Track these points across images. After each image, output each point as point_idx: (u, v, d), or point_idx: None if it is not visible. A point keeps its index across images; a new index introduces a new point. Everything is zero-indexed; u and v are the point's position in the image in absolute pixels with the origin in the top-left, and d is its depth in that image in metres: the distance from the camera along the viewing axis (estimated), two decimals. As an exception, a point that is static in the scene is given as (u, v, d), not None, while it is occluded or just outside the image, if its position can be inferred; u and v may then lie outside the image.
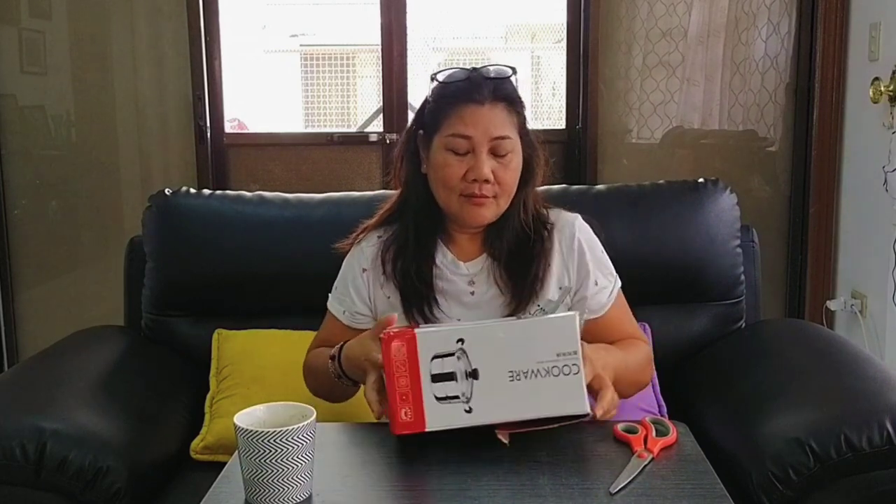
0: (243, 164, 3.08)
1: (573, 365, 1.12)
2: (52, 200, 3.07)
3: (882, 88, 2.53)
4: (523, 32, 4.59)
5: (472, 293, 1.45)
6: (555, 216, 1.50)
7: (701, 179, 1.94)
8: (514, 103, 1.41)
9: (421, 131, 1.44)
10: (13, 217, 3.04)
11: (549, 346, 1.13)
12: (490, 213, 1.41)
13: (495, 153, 1.38)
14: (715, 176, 1.96)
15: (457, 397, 1.13)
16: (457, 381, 1.13)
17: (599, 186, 2.06)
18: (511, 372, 1.13)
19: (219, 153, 3.03)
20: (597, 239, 1.50)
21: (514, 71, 1.42)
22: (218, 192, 2.02)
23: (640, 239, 1.86)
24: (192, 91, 2.95)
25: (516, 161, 1.40)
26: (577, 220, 1.50)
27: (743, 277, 1.93)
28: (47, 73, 3.00)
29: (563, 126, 3.09)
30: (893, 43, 2.56)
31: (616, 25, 3.00)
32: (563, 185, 2.03)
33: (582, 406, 1.13)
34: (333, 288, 1.53)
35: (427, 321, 1.43)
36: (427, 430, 1.13)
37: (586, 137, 2.97)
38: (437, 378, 1.13)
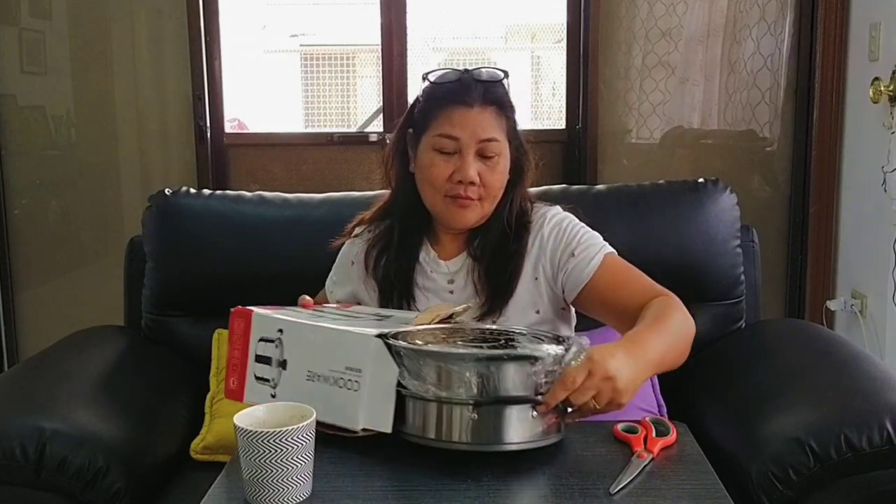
0: (243, 164, 3.08)
1: (355, 381, 1.14)
2: (52, 200, 3.07)
3: (882, 88, 2.53)
4: (523, 32, 4.59)
5: (451, 292, 1.47)
6: (534, 213, 1.49)
7: (701, 179, 1.94)
8: (504, 107, 1.41)
9: (411, 130, 1.46)
10: (13, 217, 3.04)
11: (342, 357, 1.15)
12: (474, 216, 1.42)
13: (482, 155, 1.39)
14: (715, 176, 1.96)
15: (268, 381, 1.21)
16: (271, 366, 1.21)
17: (599, 186, 2.06)
18: (309, 372, 1.17)
19: (219, 153, 3.03)
20: (574, 221, 1.47)
21: (507, 74, 1.43)
22: (218, 192, 2.03)
23: (640, 239, 1.86)
24: (192, 91, 2.95)
25: (503, 164, 1.41)
26: (550, 211, 1.49)
27: (743, 277, 1.93)
28: (47, 73, 3.00)
29: (563, 126, 3.09)
30: (893, 43, 2.56)
31: (616, 25, 3.00)
32: (563, 185, 2.03)
33: (353, 423, 1.13)
34: (332, 268, 1.60)
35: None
36: (245, 402, 1.22)
37: (586, 137, 2.97)
38: (258, 359, 1.22)
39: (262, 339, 1.23)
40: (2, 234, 3.01)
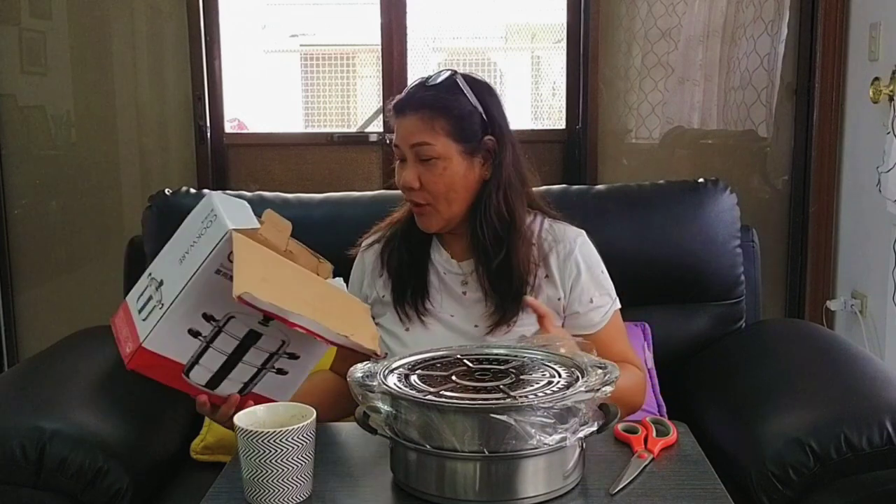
0: (243, 164, 3.08)
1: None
2: (52, 200, 3.07)
3: (882, 88, 2.53)
4: (523, 32, 4.59)
5: (465, 293, 1.48)
6: (559, 229, 1.50)
7: (701, 179, 1.94)
8: (439, 109, 1.40)
9: None
10: (13, 217, 3.04)
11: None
12: (433, 222, 1.44)
13: (420, 159, 1.41)
14: (715, 176, 1.96)
15: (151, 298, 1.20)
16: (151, 290, 1.21)
17: (599, 186, 2.06)
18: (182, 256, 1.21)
19: (219, 153, 3.03)
20: (599, 258, 1.51)
21: (454, 73, 1.43)
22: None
23: (640, 239, 1.86)
24: (192, 91, 2.95)
25: (442, 166, 1.40)
26: (581, 237, 1.51)
27: (743, 277, 1.93)
28: (47, 73, 3.00)
29: (563, 126, 3.09)
30: (893, 43, 2.56)
31: (616, 25, 3.00)
32: (563, 185, 2.03)
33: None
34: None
35: (418, 314, 1.48)
36: (142, 342, 1.16)
37: (586, 137, 2.97)
38: (139, 304, 1.22)
39: (139, 299, 1.23)
40: (2, 234, 3.01)
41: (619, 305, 1.52)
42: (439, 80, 1.42)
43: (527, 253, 1.45)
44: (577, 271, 1.47)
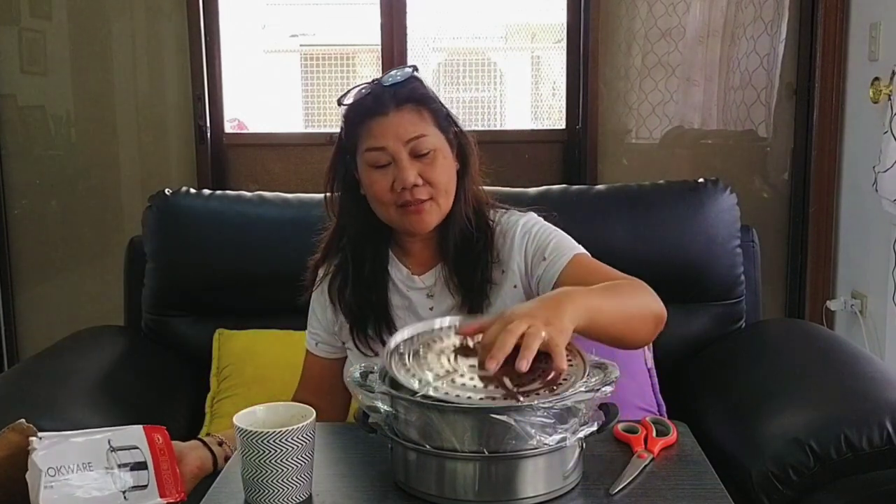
0: (243, 164, 3.08)
1: None
2: (52, 200, 3.07)
3: (882, 88, 2.53)
4: (523, 32, 4.59)
5: (432, 308, 1.44)
6: (506, 218, 1.47)
7: (701, 179, 1.94)
8: (421, 101, 1.38)
9: (348, 156, 1.43)
10: (13, 217, 3.04)
11: None
12: (433, 217, 1.38)
13: (416, 154, 1.35)
14: (715, 176, 1.96)
15: None
16: None
17: (599, 186, 2.06)
18: None
19: (219, 153, 3.03)
20: (548, 229, 1.44)
21: (415, 69, 1.40)
22: (218, 192, 2.03)
23: (640, 239, 1.86)
24: (192, 91, 2.95)
25: (442, 156, 1.37)
26: (523, 217, 1.45)
27: (743, 277, 1.93)
28: (47, 73, 3.00)
29: (563, 126, 3.10)
30: (893, 43, 2.56)
31: (616, 25, 3.00)
32: (563, 186, 2.04)
33: None
34: (308, 325, 1.55)
35: (383, 343, 1.41)
36: None
37: (586, 137, 2.98)
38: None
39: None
40: (2, 234, 3.01)
41: (582, 250, 1.39)
42: (406, 77, 1.38)
43: (485, 244, 1.42)
44: (525, 244, 1.42)
